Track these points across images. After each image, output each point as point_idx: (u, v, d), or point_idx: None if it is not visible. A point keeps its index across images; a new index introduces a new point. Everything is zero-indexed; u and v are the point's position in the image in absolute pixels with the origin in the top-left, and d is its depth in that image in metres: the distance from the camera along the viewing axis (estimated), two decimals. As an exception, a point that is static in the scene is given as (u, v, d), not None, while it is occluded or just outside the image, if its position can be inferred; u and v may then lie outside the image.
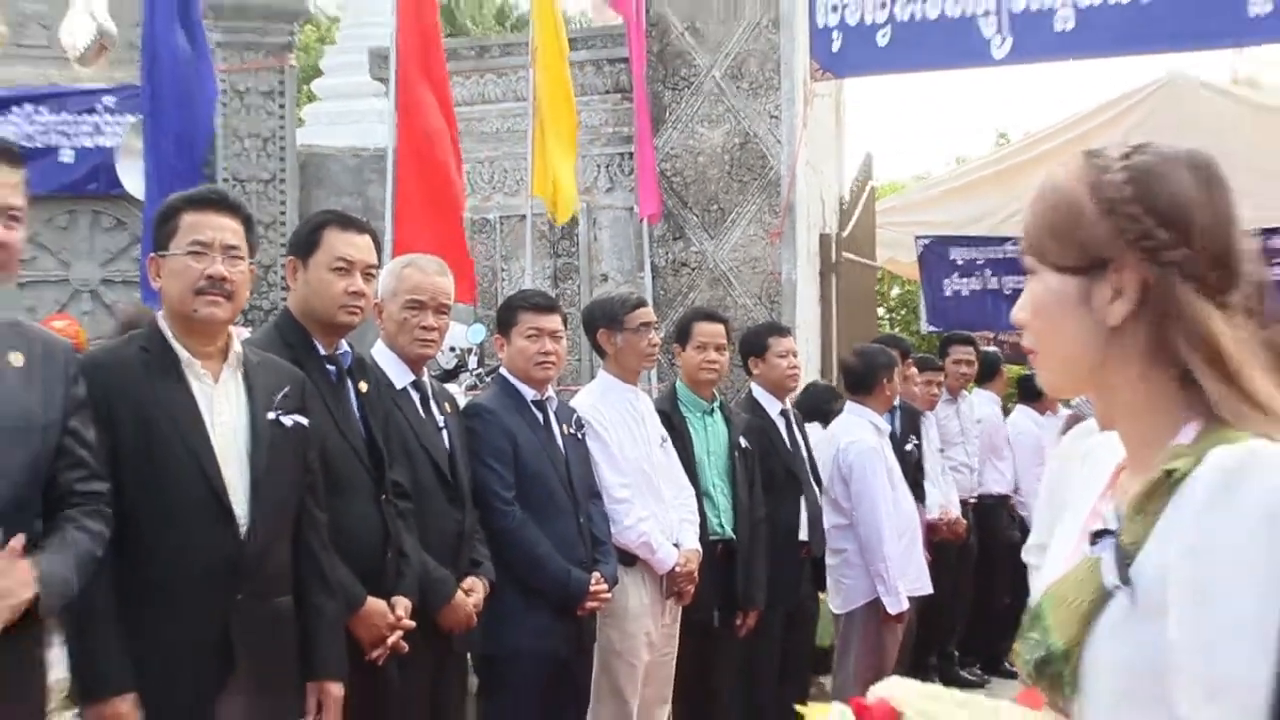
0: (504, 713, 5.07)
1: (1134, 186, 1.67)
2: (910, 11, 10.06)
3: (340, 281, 4.16)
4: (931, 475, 8.21)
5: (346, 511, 4.01)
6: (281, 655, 3.64)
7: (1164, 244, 1.64)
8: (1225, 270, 1.65)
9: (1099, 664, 1.63)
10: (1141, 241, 1.65)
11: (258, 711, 3.56)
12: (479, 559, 4.68)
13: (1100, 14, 9.74)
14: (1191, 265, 1.64)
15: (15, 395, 2.99)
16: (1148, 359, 1.67)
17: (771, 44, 10.08)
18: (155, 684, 3.41)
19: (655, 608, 5.54)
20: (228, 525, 3.51)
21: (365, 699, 3.96)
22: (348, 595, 3.96)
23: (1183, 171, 1.68)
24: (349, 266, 4.18)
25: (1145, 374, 1.68)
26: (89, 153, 10.45)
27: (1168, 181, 1.67)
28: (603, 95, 10.30)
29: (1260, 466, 1.52)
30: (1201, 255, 1.64)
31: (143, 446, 3.48)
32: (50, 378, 3.09)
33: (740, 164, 10.11)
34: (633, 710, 5.44)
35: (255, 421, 3.62)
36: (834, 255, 10.71)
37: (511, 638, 4.93)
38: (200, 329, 3.60)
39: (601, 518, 5.31)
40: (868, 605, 6.73)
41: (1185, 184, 1.67)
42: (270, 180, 10.65)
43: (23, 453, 2.96)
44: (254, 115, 10.61)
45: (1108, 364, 1.70)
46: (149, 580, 3.46)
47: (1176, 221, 1.65)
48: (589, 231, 10.40)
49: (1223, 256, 1.65)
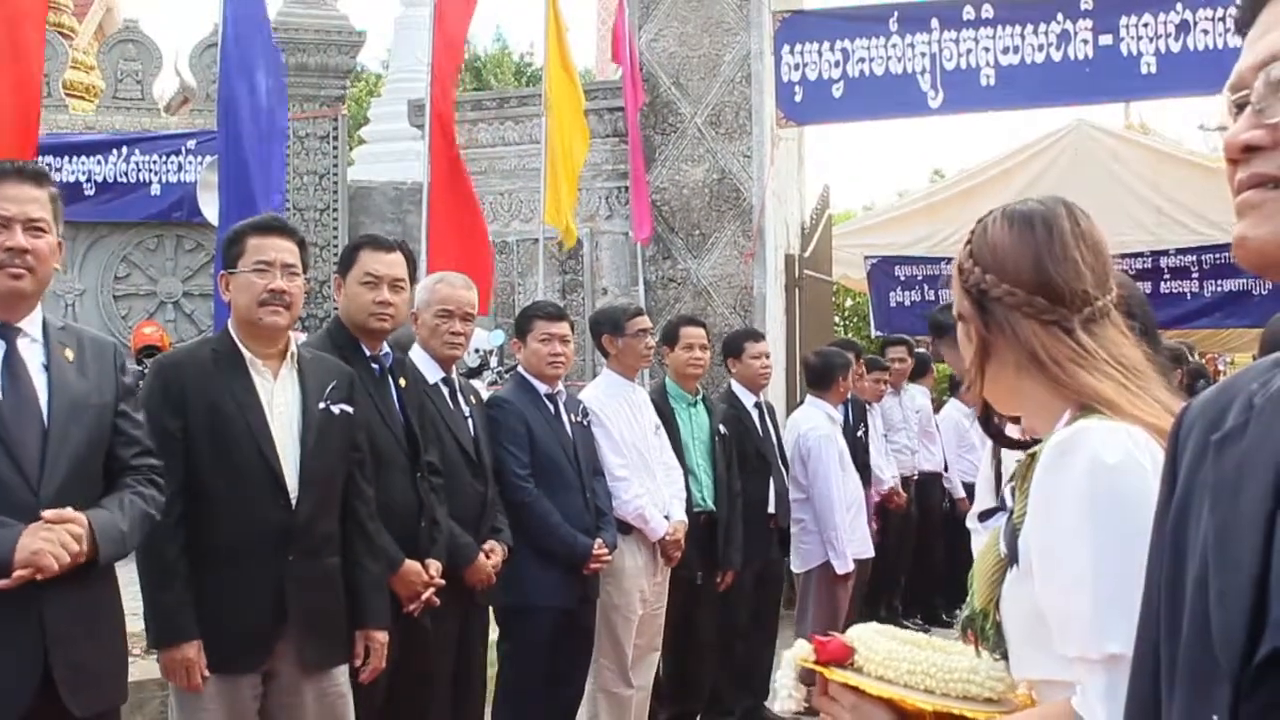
0: (520, 657, 5.08)
1: (970, 246, 1.84)
2: (860, 70, 10.13)
3: (369, 293, 4.17)
4: (876, 457, 8.30)
5: (388, 487, 4.03)
6: (330, 607, 3.65)
7: (988, 284, 1.79)
8: (1050, 294, 1.76)
9: (1007, 618, 1.71)
10: (974, 286, 1.81)
11: (308, 654, 3.58)
12: (499, 526, 4.69)
13: (1017, 72, 9.86)
14: (1012, 296, 1.76)
15: (71, 382, 2.99)
16: (1014, 368, 1.77)
17: (744, 96, 10.09)
18: (219, 630, 3.44)
19: (648, 569, 5.55)
20: (281, 497, 3.53)
21: (404, 644, 3.97)
22: (389, 557, 3.98)
23: (1001, 226, 1.83)
24: (377, 280, 4.19)
25: (1019, 379, 1.78)
26: (173, 187, 10.46)
27: (988, 236, 1.83)
28: (603, 138, 10.30)
29: (1083, 438, 1.61)
30: (1021, 287, 1.76)
31: (211, 431, 3.51)
32: (99, 369, 3.08)
33: (718, 196, 10.12)
34: (628, 655, 5.45)
35: (307, 410, 3.63)
36: (797, 272, 10.72)
37: (527, 593, 4.95)
38: (263, 334, 3.62)
39: (604, 493, 5.33)
40: (822, 566, 6.79)
41: (1001, 236, 1.81)
42: (325, 209, 10.67)
43: (80, 429, 2.96)
44: (312, 155, 10.62)
45: (994, 375, 1.82)
46: (215, 543, 3.48)
47: (993, 266, 1.80)
48: (592, 252, 10.40)
49: (1044, 285, 1.76)
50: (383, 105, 14.69)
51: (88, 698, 2.88)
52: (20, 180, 3.00)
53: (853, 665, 1.77)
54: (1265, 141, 1.03)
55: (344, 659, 3.69)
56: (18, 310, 2.98)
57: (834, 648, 1.78)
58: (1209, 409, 1.15)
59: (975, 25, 9.97)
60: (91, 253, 10.67)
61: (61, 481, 2.88)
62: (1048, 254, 1.77)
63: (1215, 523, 1.05)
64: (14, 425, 2.87)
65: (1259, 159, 1.04)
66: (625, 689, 5.49)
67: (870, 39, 10.13)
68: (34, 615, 2.80)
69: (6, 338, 2.96)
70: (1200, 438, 1.13)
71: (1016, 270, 1.77)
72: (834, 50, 10.20)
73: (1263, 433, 1.04)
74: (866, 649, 1.78)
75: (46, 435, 2.90)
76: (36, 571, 2.70)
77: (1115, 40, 9.74)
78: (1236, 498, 1.03)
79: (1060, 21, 9.84)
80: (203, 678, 3.42)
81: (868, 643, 1.79)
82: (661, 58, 10.18)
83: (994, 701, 1.72)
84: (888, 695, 1.72)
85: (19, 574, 2.69)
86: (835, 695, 1.77)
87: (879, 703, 1.73)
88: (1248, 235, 1.05)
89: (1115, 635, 1.53)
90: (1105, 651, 1.55)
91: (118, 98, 11.04)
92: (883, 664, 1.75)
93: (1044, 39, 9.88)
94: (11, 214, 2.94)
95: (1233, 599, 0.99)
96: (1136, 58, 9.73)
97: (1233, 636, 0.98)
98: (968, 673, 1.74)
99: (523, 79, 25.61)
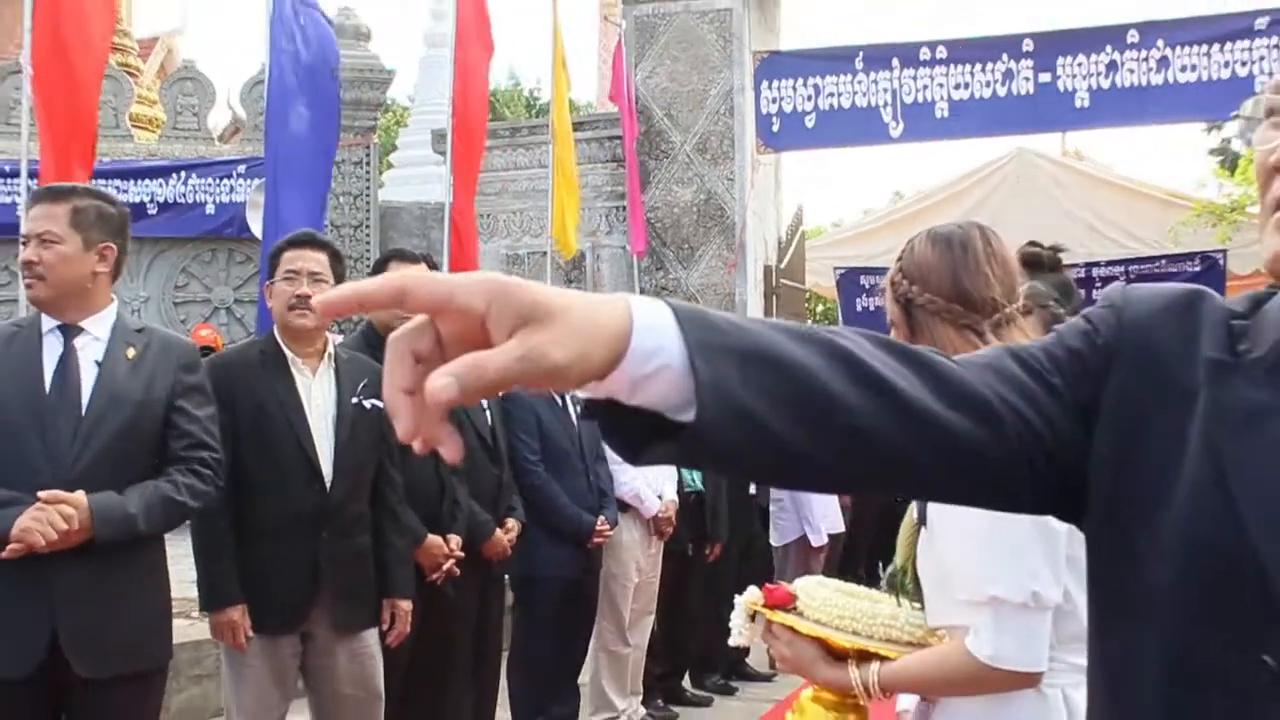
0: (532, 621, 5.05)
1: (901, 263, 1.92)
2: (829, 103, 10.15)
3: None
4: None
5: (414, 471, 3.97)
6: (360, 579, 3.60)
7: (913, 294, 1.86)
8: (966, 303, 1.83)
9: (921, 573, 1.82)
10: (902, 296, 1.88)
11: (341, 618, 3.54)
12: (513, 505, 4.65)
13: (968, 106, 9.90)
14: (933, 304, 1.84)
15: (119, 378, 2.93)
16: None
17: (728, 126, 10.07)
18: (262, 596, 3.42)
19: (643, 542, 5.51)
20: (317, 482, 3.49)
21: (427, 611, 3.93)
22: (414, 533, 3.94)
23: (925, 245, 1.89)
24: None
25: None
26: (226, 206, 10.45)
27: (915, 253, 1.90)
28: (604, 163, 10.29)
29: None
30: (941, 296, 1.83)
31: (256, 422, 3.47)
32: (158, 368, 3.00)
33: (705, 214, 10.10)
34: (625, 618, 5.42)
35: (341, 404, 3.58)
36: (775, 281, 10.70)
37: (537, 564, 4.90)
38: (296, 335, 3.57)
39: (605, 476, 5.28)
40: (798, 540, 6.75)
41: (925, 253, 1.88)
42: (358, 226, 10.67)
43: (116, 421, 2.89)
44: (347, 178, 10.61)
45: None
46: (259, 521, 3.45)
47: (917, 277, 1.87)
48: (594, 264, 10.37)
49: (959, 295, 1.83)
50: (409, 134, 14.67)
51: (94, 662, 2.81)
52: (42, 201, 2.99)
53: (795, 610, 1.85)
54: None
55: (373, 624, 3.65)
56: (67, 311, 2.94)
57: (779, 594, 1.87)
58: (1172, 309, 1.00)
59: (931, 64, 9.97)
60: (154, 265, 10.66)
61: (88, 466, 2.82)
62: (963, 268, 1.84)
63: (1243, 450, 0.91)
64: (53, 413, 2.84)
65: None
66: (624, 648, 5.46)
67: (839, 76, 10.12)
68: (45, 585, 2.76)
69: (66, 336, 2.93)
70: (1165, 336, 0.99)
71: (938, 282, 1.84)
72: (807, 86, 10.19)
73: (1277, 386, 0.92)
74: (807, 596, 1.86)
75: (80, 424, 2.86)
76: (27, 547, 2.66)
77: (1053, 78, 9.76)
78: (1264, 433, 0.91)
79: (1005, 61, 9.85)
80: (247, 638, 3.40)
81: (809, 591, 1.87)
82: (655, 92, 10.16)
83: (913, 644, 1.79)
84: (817, 634, 1.80)
85: (11, 548, 2.66)
86: (776, 633, 1.85)
87: (810, 640, 1.81)
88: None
89: (997, 580, 1.66)
90: (988, 594, 1.66)
91: (177, 128, 11.02)
92: (819, 609, 1.83)
93: (991, 76, 9.89)
94: (28, 231, 2.93)
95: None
96: (1071, 93, 9.75)
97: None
98: (889, 619, 1.81)
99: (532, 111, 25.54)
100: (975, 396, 0.94)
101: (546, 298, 0.76)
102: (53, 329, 2.94)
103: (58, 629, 2.78)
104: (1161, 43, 9.55)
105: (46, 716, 2.86)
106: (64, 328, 2.94)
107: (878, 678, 1.76)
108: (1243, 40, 9.39)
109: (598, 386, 0.80)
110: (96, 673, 2.82)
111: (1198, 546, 0.92)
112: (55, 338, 2.93)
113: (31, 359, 2.89)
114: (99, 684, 2.82)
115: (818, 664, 1.80)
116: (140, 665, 2.95)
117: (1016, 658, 1.67)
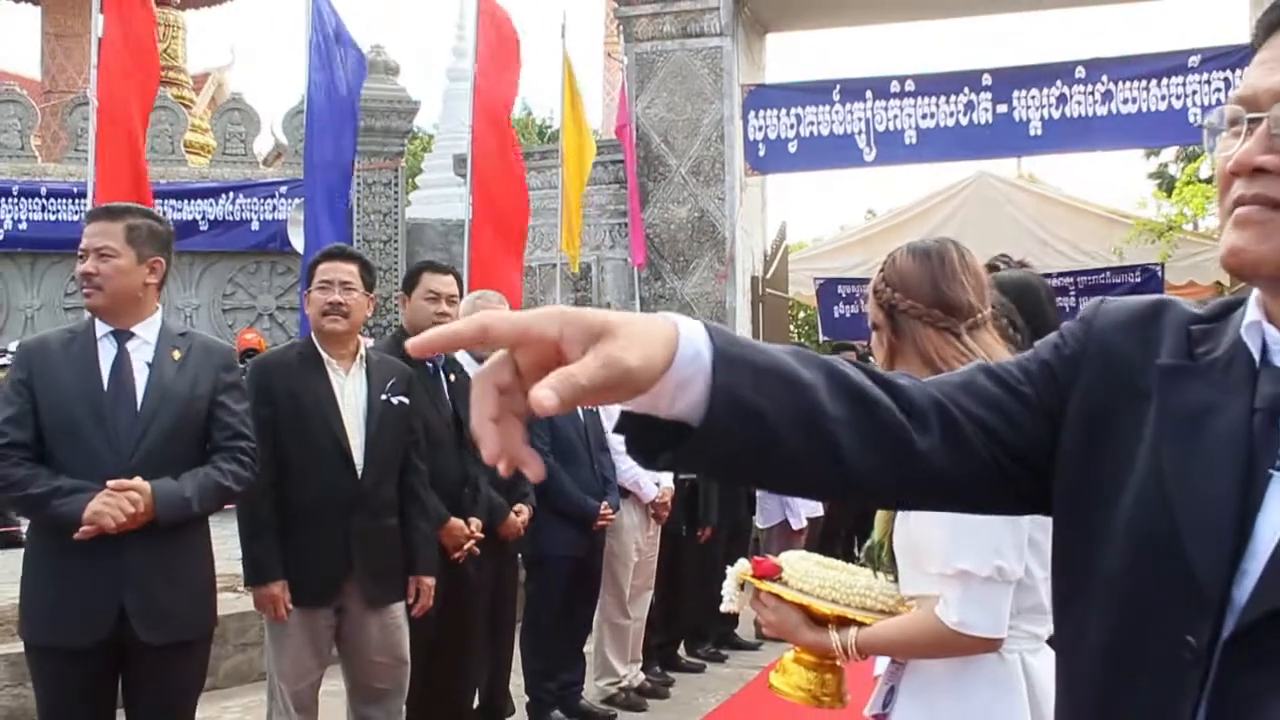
0: (543, 595, 5.04)
1: (884, 273, 1.90)
2: (810, 131, 10.15)
3: (431, 306, 4.15)
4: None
5: (438, 460, 3.97)
6: (388, 558, 3.59)
7: (896, 300, 1.85)
8: (944, 308, 1.83)
9: (896, 547, 1.82)
10: (886, 302, 1.87)
11: (369, 593, 3.53)
12: (526, 491, 4.63)
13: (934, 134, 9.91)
14: (915, 309, 1.83)
15: (167, 378, 2.93)
16: (919, 360, 1.83)
17: (719, 151, 10.07)
18: (300, 573, 3.42)
19: (642, 525, 5.49)
20: (349, 471, 3.49)
21: (449, 585, 3.92)
22: (438, 517, 3.93)
23: (906, 257, 1.89)
24: (437, 296, 4.18)
25: (922, 370, 1.80)
26: (269, 223, 10.47)
27: (897, 264, 1.89)
28: (608, 184, 10.27)
29: None
30: (922, 302, 1.83)
31: (295, 416, 3.47)
32: (201, 368, 3.00)
33: (698, 230, 10.09)
34: (626, 593, 5.40)
35: (371, 401, 3.58)
36: (761, 291, 10.69)
37: (547, 544, 4.89)
38: (330, 339, 3.56)
39: (608, 465, 5.27)
40: (780, 524, 6.74)
41: (906, 264, 1.87)
42: (388, 241, 10.67)
43: (168, 416, 2.90)
44: (377, 198, 10.62)
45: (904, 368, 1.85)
46: (298, 505, 3.45)
47: (900, 286, 1.86)
48: (598, 275, 10.36)
49: (939, 300, 1.83)
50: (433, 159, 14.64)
51: (158, 630, 2.83)
52: (100, 219, 2.99)
53: (780, 580, 1.84)
54: (1277, 168, 0.90)
55: (400, 598, 3.64)
56: (121, 318, 2.94)
57: (766, 566, 1.86)
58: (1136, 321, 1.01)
59: (900, 96, 9.97)
60: (205, 276, 10.67)
61: (146, 455, 2.84)
62: (941, 277, 1.84)
63: (1178, 452, 0.92)
64: (113, 410, 2.85)
65: (1266, 181, 0.90)
66: (625, 620, 5.44)
67: (818, 106, 10.13)
68: (114, 563, 2.77)
69: (119, 340, 2.94)
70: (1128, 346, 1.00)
71: (919, 289, 1.84)
72: (789, 115, 10.18)
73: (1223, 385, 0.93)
74: (791, 568, 1.85)
75: (137, 419, 2.87)
76: (99, 529, 2.69)
77: (1009, 109, 9.77)
78: (1198, 434, 0.92)
79: (966, 94, 9.85)
80: (286, 610, 3.40)
81: (793, 564, 1.87)
82: (653, 121, 10.15)
83: (885, 612, 1.79)
84: (800, 601, 1.79)
85: (84, 529, 2.68)
86: (763, 600, 1.84)
87: (794, 607, 1.80)
88: (1246, 248, 0.91)
89: (966, 555, 1.67)
90: (957, 567, 1.67)
91: (226, 154, 11.03)
92: (801, 579, 1.82)
93: (954, 107, 9.89)
94: (86, 246, 2.93)
95: (1215, 529, 0.88)
96: (1026, 123, 9.76)
97: (1214, 566, 0.88)
98: (865, 589, 1.81)
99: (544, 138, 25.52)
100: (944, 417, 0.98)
101: (607, 315, 0.80)
102: (107, 334, 2.94)
103: (124, 601, 2.80)
104: (1106, 78, 9.57)
105: (110, 678, 2.88)
106: (117, 333, 2.94)
107: (856, 641, 1.76)
108: (1178, 76, 9.41)
109: (643, 399, 0.83)
110: (157, 639, 2.83)
111: (1138, 538, 0.93)
112: (109, 342, 2.94)
113: (90, 361, 2.90)
114: (156, 648, 2.84)
115: (800, 629, 1.80)
116: (192, 631, 2.98)
117: (981, 625, 1.69)
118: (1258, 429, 0.90)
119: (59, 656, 2.81)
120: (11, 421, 2.81)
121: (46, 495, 2.74)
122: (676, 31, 10.13)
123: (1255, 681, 0.85)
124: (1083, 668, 0.98)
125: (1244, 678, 0.85)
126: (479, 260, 7.04)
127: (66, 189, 10.10)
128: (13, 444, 2.79)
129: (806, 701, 1.86)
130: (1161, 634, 0.90)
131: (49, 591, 2.84)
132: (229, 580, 4.83)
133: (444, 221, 11.01)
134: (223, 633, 4.97)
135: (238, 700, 5.07)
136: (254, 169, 11.00)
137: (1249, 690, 0.85)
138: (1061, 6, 11.53)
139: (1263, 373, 0.92)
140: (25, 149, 10.66)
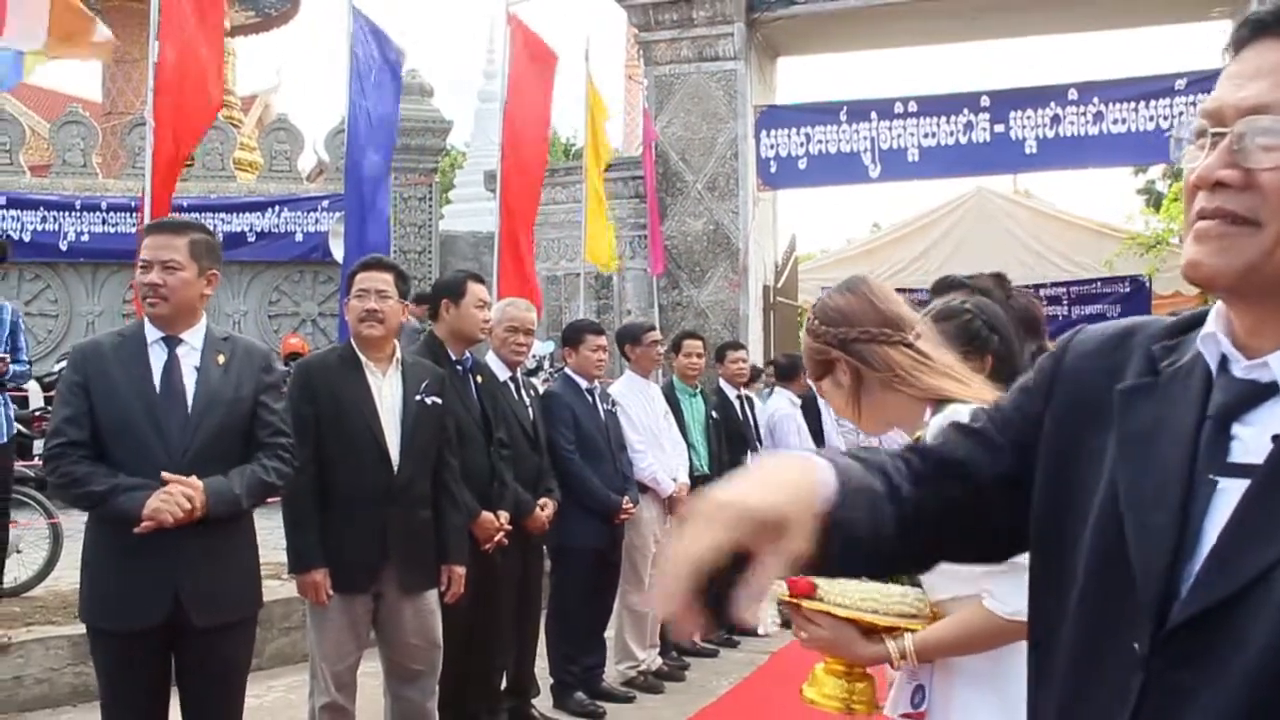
0: (567, 584, 5.05)
1: (816, 319, 1.88)
2: (819, 149, 10.14)
3: (480, 313, 4.19)
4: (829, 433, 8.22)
5: (468, 457, 3.98)
6: (422, 548, 3.60)
7: (844, 333, 1.82)
8: (892, 324, 1.81)
9: None
10: (835, 339, 1.83)
11: (405, 580, 3.55)
12: (551, 487, 4.64)
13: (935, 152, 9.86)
14: (866, 333, 1.81)
15: (214, 381, 2.93)
16: (880, 387, 1.82)
17: (733, 168, 10.07)
18: (340, 561, 3.43)
19: (660, 518, 5.49)
20: (386, 466, 3.49)
21: (480, 574, 3.93)
22: (468, 510, 3.94)
23: (834, 294, 1.89)
24: (484, 305, 4.21)
25: (884, 395, 1.82)
26: (312, 235, 10.50)
27: (829, 305, 1.87)
28: (628, 199, 10.29)
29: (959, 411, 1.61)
30: (871, 324, 1.81)
31: (336, 415, 3.48)
32: (244, 371, 2.99)
33: (714, 242, 10.09)
34: (645, 582, 5.39)
35: (406, 401, 3.58)
36: (772, 299, 10.68)
37: (571, 536, 4.89)
38: (367, 343, 3.57)
39: (628, 462, 5.28)
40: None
41: (840, 300, 1.86)
42: (422, 252, 10.69)
43: (215, 416, 2.90)
44: (412, 211, 10.64)
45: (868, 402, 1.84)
46: (338, 497, 3.46)
47: (843, 320, 1.83)
48: (619, 284, 10.38)
49: (884, 318, 1.81)
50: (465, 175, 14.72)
51: (209, 614, 2.84)
52: (162, 233, 2.98)
53: (817, 598, 1.75)
54: (1237, 182, 0.87)
55: (433, 585, 3.65)
56: (175, 325, 2.94)
57: (802, 585, 1.76)
58: (1104, 348, 1.01)
59: (904, 116, 9.94)
60: (252, 284, 10.72)
61: (196, 454, 2.84)
62: (875, 298, 1.84)
63: (1130, 469, 0.92)
64: (165, 412, 2.86)
65: (1226, 195, 0.88)
66: (644, 607, 5.41)
67: (826, 126, 10.11)
68: (170, 553, 2.78)
69: (170, 346, 2.94)
70: (1094, 374, 0.99)
71: (863, 315, 1.82)
72: (799, 134, 10.17)
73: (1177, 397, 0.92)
74: (825, 584, 1.77)
75: (188, 419, 2.88)
76: (158, 524, 2.70)
77: (1006, 129, 9.73)
78: (1149, 450, 0.91)
79: (965, 114, 9.82)
80: (327, 596, 3.41)
81: (824, 581, 1.79)
82: (672, 139, 10.16)
83: (920, 617, 1.75)
84: (853, 616, 1.71)
85: (145, 525, 2.69)
86: (813, 619, 1.74)
87: (846, 623, 1.72)
88: (1203, 262, 0.88)
89: None
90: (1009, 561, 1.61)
91: (272, 170, 11.09)
92: (839, 595, 1.74)
93: (954, 127, 9.85)
94: (151, 258, 2.92)
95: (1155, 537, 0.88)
96: (1022, 142, 9.72)
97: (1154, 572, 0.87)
98: (900, 596, 1.75)
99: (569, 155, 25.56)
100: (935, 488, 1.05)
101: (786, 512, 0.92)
102: (157, 339, 2.93)
103: (179, 588, 2.81)
104: (1097, 99, 9.53)
105: (165, 658, 2.89)
106: (167, 339, 2.94)
107: (913, 646, 1.72)
108: (1165, 98, 9.37)
109: None
110: (208, 622, 2.85)
111: (1098, 554, 0.94)
112: (160, 347, 2.93)
113: (142, 365, 2.90)
114: (207, 631, 2.85)
115: (856, 642, 1.73)
116: (240, 614, 2.99)
117: None
118: (1206, 437, 0.89)
119: (118, 639, 2.83)
120: (70, 421, 2.82)
121: (107, 492, 2.76)
122: (694, 55, 10.14)
123: (1188, 678, 0.84)
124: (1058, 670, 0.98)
125: (1177, 674, 0.84)
126: (506, 270, 7.06)
127: (125, 203, 10.18)
128: (72, 443, 2.80)
129: (840, 710, 1.79)
130: (1115, 644, 0.90)
131: (109, 579, 2.85)
132: (274, 568, 4.86)
133: (475, 233, 11.04)
134: (268, 616, 4.99)
135: (282, 680, 5.09)
136: (298, 184, 11.05)
137: (1181, 686, 0.84)
138: (1056, 31, 11.48)
139: (1217, 382, 0.91)
140: (87, 166, 10.75)
